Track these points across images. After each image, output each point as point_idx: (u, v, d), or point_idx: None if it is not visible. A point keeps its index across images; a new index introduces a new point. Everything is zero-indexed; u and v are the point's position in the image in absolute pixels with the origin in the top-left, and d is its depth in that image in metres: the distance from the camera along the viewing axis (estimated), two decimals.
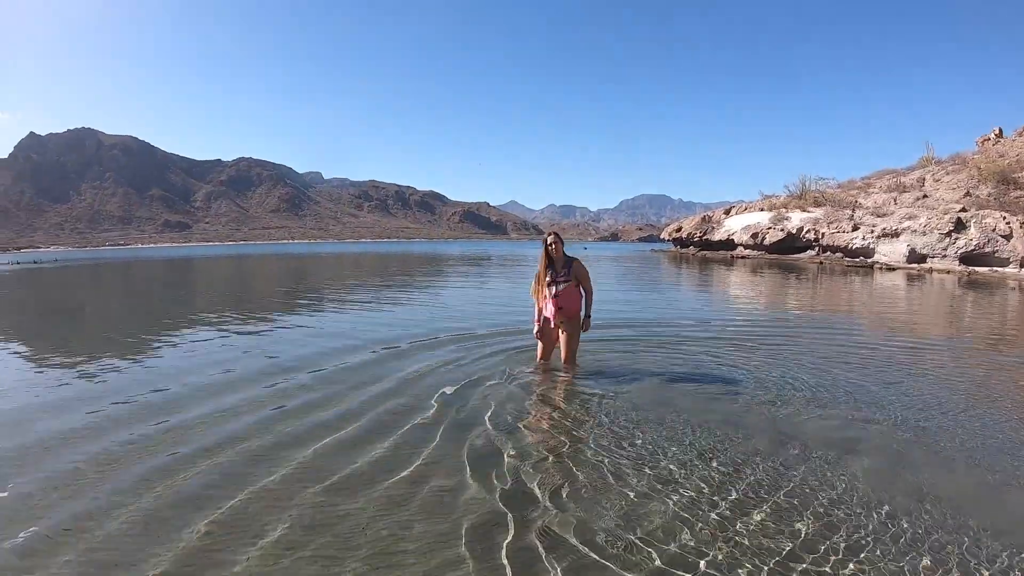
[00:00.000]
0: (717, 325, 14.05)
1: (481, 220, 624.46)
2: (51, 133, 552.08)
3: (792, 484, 4.90)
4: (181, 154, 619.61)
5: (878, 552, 3.88)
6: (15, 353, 11.08)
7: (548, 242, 7.92)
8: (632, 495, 4.68)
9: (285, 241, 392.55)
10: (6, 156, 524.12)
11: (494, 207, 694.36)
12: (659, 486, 4.87)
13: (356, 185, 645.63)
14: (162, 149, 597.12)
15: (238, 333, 12.67)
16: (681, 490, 4.82)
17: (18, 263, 69.30)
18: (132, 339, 12.49)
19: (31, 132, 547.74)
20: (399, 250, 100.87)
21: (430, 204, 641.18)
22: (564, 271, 7.98)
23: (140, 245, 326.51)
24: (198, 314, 17.17)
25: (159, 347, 11.38)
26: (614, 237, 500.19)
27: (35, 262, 73.15)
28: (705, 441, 5.89)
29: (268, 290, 27.11)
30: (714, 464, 5.34)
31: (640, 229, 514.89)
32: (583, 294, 8.22)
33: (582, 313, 8.23)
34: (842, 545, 3.96)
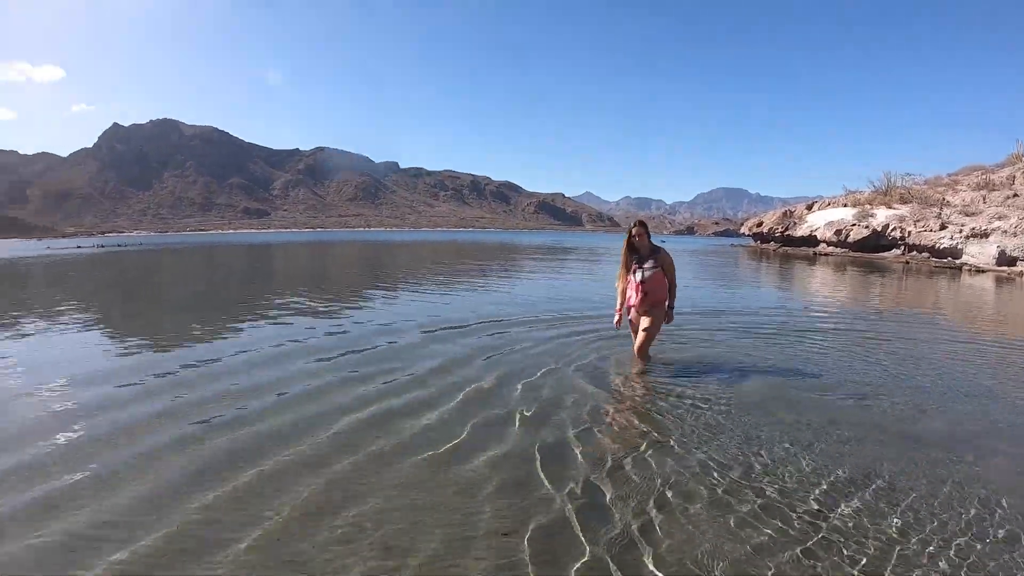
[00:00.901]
0: (802, 319, 13.43)
1: (556, 211, 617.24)
2: (134, 124, 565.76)
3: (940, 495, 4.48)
4: (260, 144, 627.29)
5: None
6: (102, 331, 11.94)
7: (632, 232, 7.88)
8: (722, 513, 4.23)
9: (362, 228, 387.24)
10: (91, 146, 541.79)
11: (569, 198, 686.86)
12: (757, 501, 4.39)
13: (432, 175, 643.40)
14: (242, 139, 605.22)
15: (314, 315, 13.34)
16: (785, 500, 4.44)
17: (102, 246, 76.23)
18: (219, 320, 13.16)
19: (115, 123, 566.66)
20: (475, 239, 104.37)
21: (505, 194, 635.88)
22: (651, 259, 7.86)
23: (220, 231, 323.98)
24: (277, 295, 17.96)
25: (242, 329, 11.83)
26: (690, 231, 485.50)
27: (119, 245, 78.88)
28: (802, 442, 5.55)
29: (346, 274, 28.53)
30: (808, 465, 5.04)
31: (716, 223, 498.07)
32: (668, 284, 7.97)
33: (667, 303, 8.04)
34: None
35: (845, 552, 3.66)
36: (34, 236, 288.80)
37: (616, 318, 8.23)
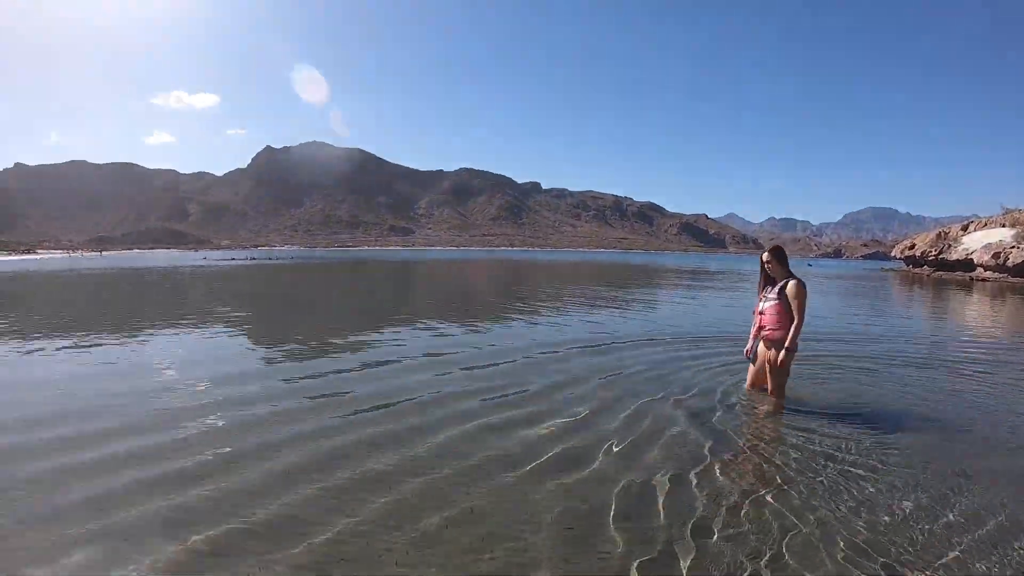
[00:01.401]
0: (952, 353, 11.82)
1: (699, 232, 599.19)
2: (285, 146, 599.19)
3: None
4: (406, 165, 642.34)
5: None
6: (248, 337, 12.52)
7: (763, 259, 7.23)
8: None
9: (504, 247, 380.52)
10: (246, 166, 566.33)
11: (712, 219, 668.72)
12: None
13: (574, 195, 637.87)
14: (388, 160, 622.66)
15: (449, 329, 13.46)
16: None
17: (253, 258, 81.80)
18: (357, 329, 13.67)
19: (267, 146, 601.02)
20: (616, 260, 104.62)
21: (648, 215, 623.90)
22: (776, 289, 7.01)
23: (366, 247, 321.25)
24: (416, 309, 18.90)
25: (378, 339, 12.14)
26: (837, 254, 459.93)
27: (269, 258, 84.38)
28: (953, 506, 4.53)
29: (486, 290, 29.15)
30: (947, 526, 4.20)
31: (865, 245, 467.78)
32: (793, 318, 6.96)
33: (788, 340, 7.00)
34: None
35: None
36: (191, 247, 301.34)
37: (747, 347, 7.51)
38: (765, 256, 7.12)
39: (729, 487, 4.71)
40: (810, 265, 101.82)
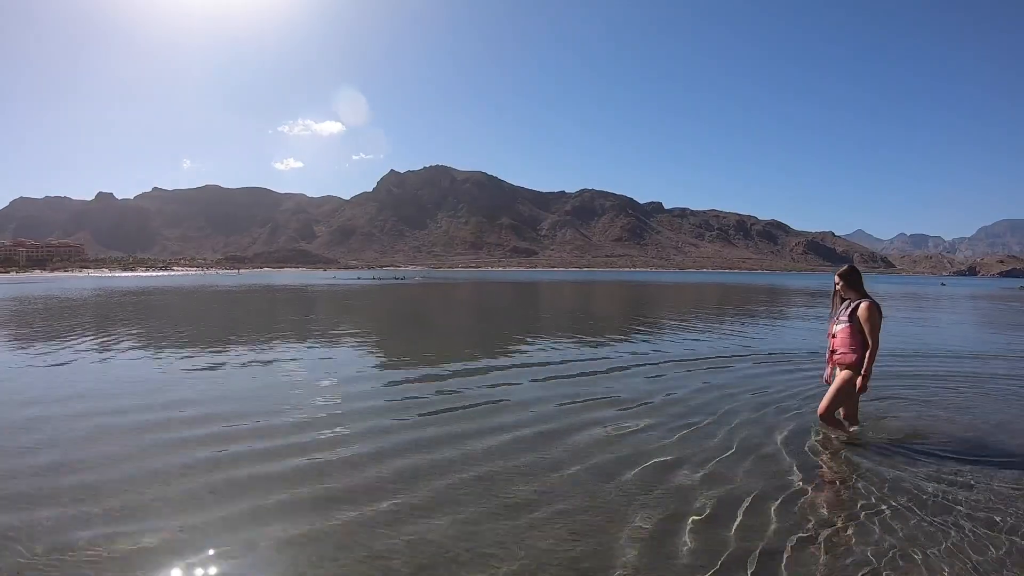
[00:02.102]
0: None
1: (825, 251, 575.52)
2: (409, 170, 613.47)
3: None
4: (528, 187, 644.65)
5: None
6: (367, 348, 13.87)
7: (836, 281, 6.89)
8: None
9: (627, 268, 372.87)
10: (371, 190, 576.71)
11: (839, 237, 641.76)
12: None
13: (697, 215, 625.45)
14: (510, 182, 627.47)
15: (570, 346, 13.88)
16: None
17: (378, 278, 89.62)
18: (476, 346, 14.23)
19: (392, 170, 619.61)
20: (740, 281, 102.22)
21: (772, 234, 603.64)
22: (848, 311, 6.56)
23: (490, 268, 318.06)
24: (539, 328, 19.09)
25: (496, 355, 12.54)
26: (971, 271, 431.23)
27: (395, 278, 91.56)
28: None
29: (611, 311, 29.10)
30: None
31: (1002, 262, 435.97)
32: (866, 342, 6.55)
33: (863, 365, 6.53)
34: None
35: None
36: (319, 267, 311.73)
37: (825, 373, 7.19)
38: (837, 278, 6.83)
39: (796, 516, 4.47)
40: (943, 284, 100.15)
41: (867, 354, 6.23)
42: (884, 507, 4.62)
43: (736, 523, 4.28)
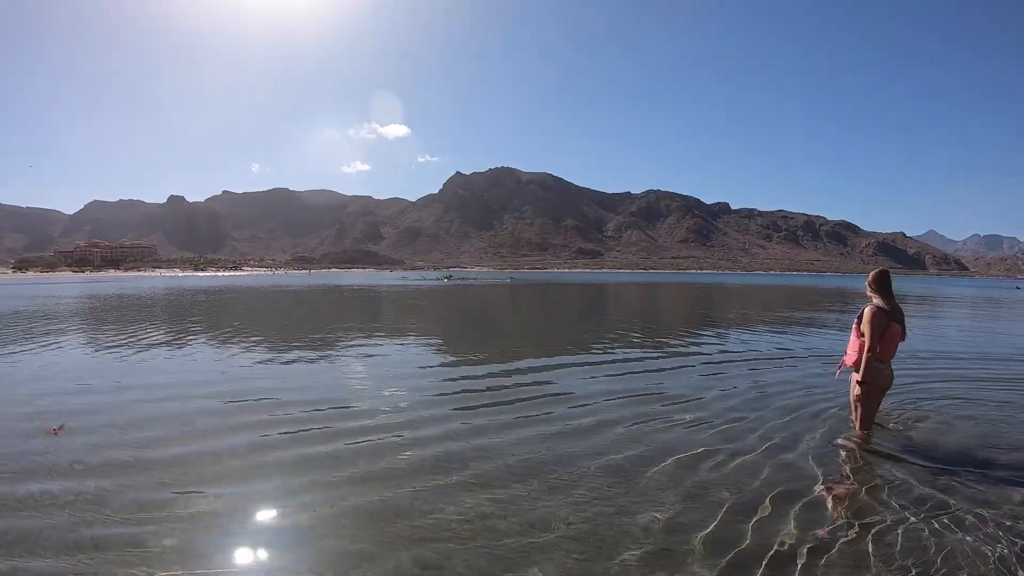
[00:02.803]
0: None
1: (896, 253, 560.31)
2: (475, 172, 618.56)
3: None
4: (593, 188, 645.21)
5: None
6: (430, 346, 14.52)
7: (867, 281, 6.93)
8: None
9: (693, 271, 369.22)
10: (437, 192, 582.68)
11: (911, 238, 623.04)
12: None
13: (764, 215, 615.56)
14: (575, 184, 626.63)
15: (635, 348, 13.83)
16: None
17: (448, 278, 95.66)
18: (540, 348, 14.28)
19: (457, 172, 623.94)
20: (809, 283, 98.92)
21: (841, 235, 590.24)
22: (857, 315, 6.60)
23: (556, 270, 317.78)
24: (606, 330, 18.39)
25: (558, 356, 12.47)
26: None
27: (463, 279, 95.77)
28: None
29: (678, 314, 28.35)
30: None
31: None
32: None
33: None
34: None
35: None
36: (386, 267, 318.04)
37: (837, 373, 7.55)
38: (870, 278, 6.80)
39: (812, 519, 4.48)
40: (1018, 288, 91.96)
41: (866, 360, 6.23)
42: (910, 518, 4.48)
43: (752, 521, 4.34)
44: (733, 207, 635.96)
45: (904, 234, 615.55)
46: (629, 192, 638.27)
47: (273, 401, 8.17)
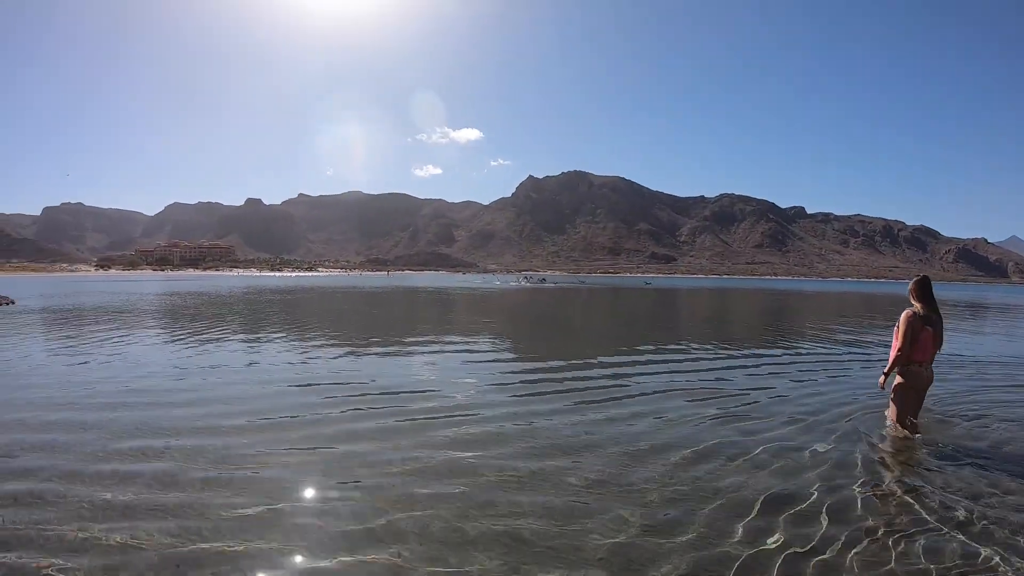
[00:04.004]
0: None
1: (978, 260, 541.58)
2: (547, 176, 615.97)
3: None
4: (666, 191, 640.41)
5: None
6: (508, 352, 14.45)
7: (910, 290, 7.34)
8: None
9: (768, 276, 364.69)
10: (510, 195, 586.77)
11: (992, 244, 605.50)
12: None
13: (841, 220, 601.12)
14: (648, 187, 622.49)
15: (702, 356, 13.48)
16: None
17: (527, 279, 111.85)
18: (609, 351, 14.32)
19: (530, 175, 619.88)
20: (886, 291, 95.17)
21: (921, 240, 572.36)
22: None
23: (628, 274, 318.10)
24: (674, 336, 18.54)
25: (625, 361, 12.75)
26: None
27: (544, 281, 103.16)
28: None
29: (747, 321, 27.90)
30: None
31: None
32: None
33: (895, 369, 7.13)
34: None
35: None
36: (459, 270, 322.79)
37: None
38: (912, 286, 7.21)
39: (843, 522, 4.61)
40: None
41: (893, 358, 6.86)
42: (940, 526, 4.51)
43: (782, 518, 4.54)
44: (809, 211, 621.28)
45: (985, 240, 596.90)
46: (703, 196, 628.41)
47: (358, 385, 9.50)
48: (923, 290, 7.01)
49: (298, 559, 3.95)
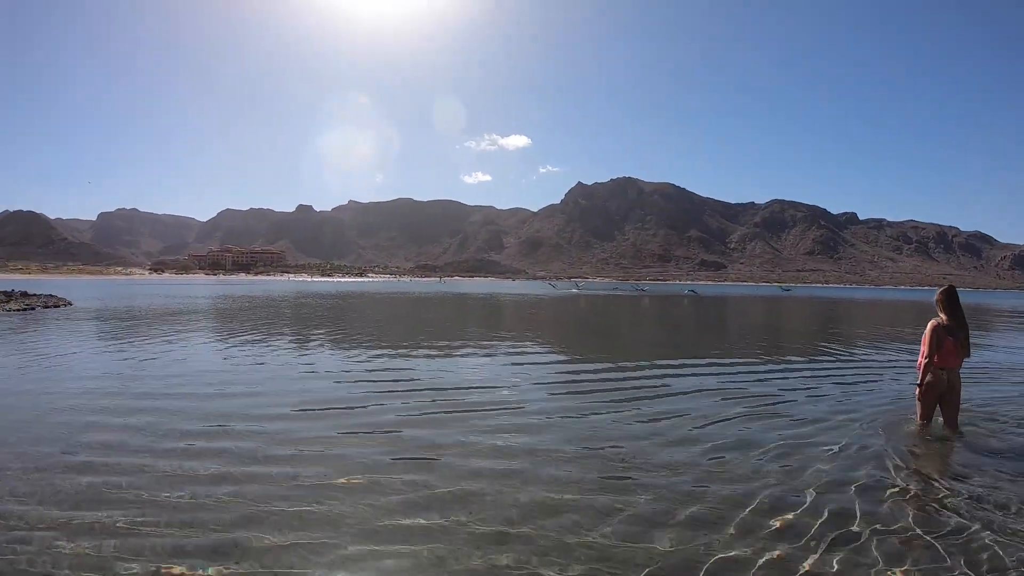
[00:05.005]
0: None
1: None
2: (596, 182, 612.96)
3: None
4: (716, 198, 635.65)
5: None
6: (556, 358, 14.56)
7: (937, 299, 7.67)
8: None
9: (819, 284, 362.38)
10: (559, 202, 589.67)
11: None
12: None
13: (893, 226, 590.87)
14: (698, 194, 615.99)
15: (747, 364, 13.50)
16: None
17: (577, 287, 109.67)
18: (655, 356, 14.48)
19: (579, 182, 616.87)
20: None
21: (975, 247, 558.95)
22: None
23: (677, 281, 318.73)
24: (722, 343, 19.26)
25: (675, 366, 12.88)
26: None
27: (616, 289, 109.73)
28: None
29: (796, 329, 28.09)
30: None
31: None
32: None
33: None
34: None
35: None
36: (508, 276, 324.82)
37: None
38: (939, 295, 7.55)
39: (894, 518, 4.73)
40: None
41: (923, 364, 7.29)
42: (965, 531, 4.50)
43: (809, 526, 4.49)
44: (861, 217, 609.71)
45: None
46: (753, 202, 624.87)
47: (410, 381, 10.37)
48: (950, 300, 7.46)
49: (367, 522, 4.45)
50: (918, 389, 7.51)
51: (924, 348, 7.31)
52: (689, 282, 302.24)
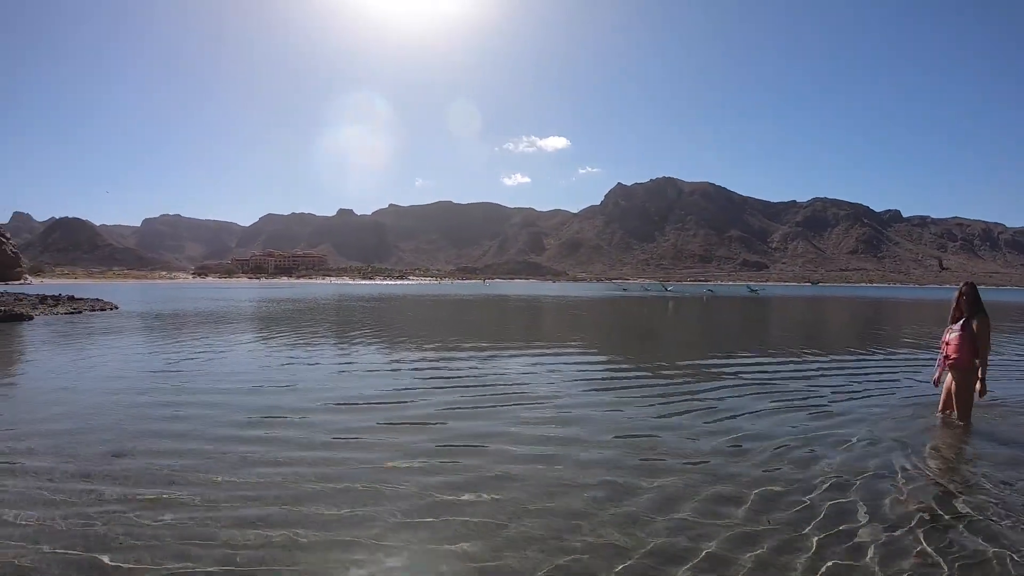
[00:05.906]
0: None
1: None
2: (636, 183, 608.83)
3: None
4: (757, 197, 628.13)
5: None
6: (599, 362, 14.40)
7: (961, 291, 7.78)
8: None
9: (863, 284, 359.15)
10: (598, 203, 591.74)
11: None
12: None
13: (938, 223, 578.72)
14: (739, 193, 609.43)
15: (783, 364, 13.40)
16: None
17: (625, 289, 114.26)
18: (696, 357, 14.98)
19: (619, 183, 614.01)
20: (987, 298, 75.89)
21: (1022, 244, 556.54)
22: (963, 322, 7.60)
23: (719, 282, 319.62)
24: (763, 343, 19.45)
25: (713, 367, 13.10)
26: None
27: (668, 290, 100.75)
28: None
29: (836, 331, 28.00)
30: None
31: None
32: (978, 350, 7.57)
33: (979, 371, 7.62)
34: None
35: None
36: (548, 278, 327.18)
37: (935, 375, 8.14)
38: (964, 288, 7.72)
39: (888, 502, 4.92)
40: None
41: (982, 364, 7.43)
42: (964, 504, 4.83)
43: (814, 523, 4.45)
44: (905, 215, 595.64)
45: None
46: (794, 201, 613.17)
47: (453, 379, 10.90)
48: (976, 295, 7.69)
49: (418, 497, 4.90)
50: (980, 386, 7.56)
51: (982, 346, 7.42)
52: (720, 283, 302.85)
